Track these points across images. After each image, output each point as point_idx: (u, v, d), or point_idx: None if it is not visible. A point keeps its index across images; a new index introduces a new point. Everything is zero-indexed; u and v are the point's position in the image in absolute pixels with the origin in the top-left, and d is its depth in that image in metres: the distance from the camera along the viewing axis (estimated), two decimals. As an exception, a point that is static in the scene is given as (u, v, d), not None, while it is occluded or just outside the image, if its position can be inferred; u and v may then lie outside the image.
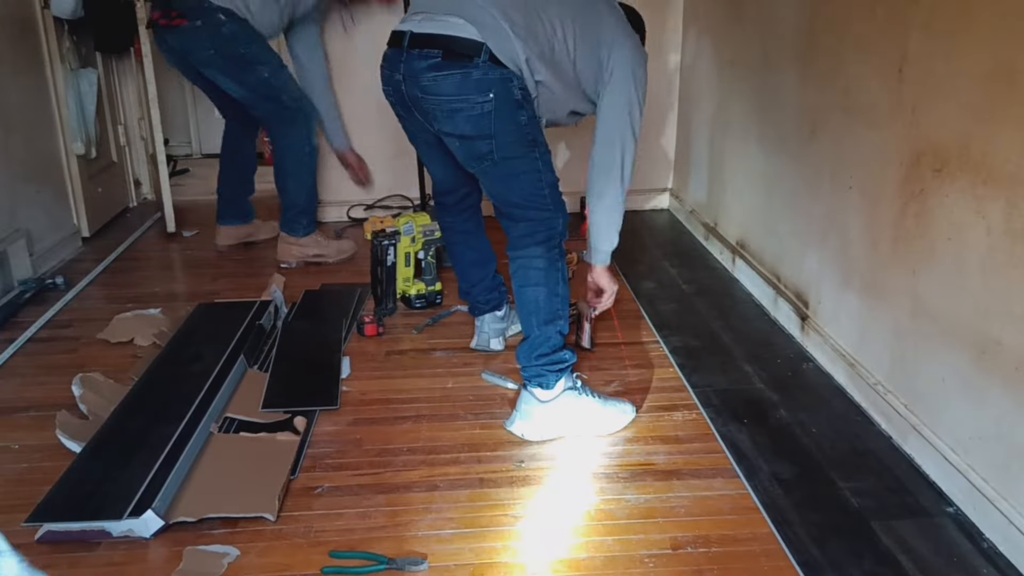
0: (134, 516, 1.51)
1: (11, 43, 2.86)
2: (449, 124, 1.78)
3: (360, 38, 3.41)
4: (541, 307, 1.86)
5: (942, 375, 1.69)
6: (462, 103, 1.74)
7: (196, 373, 2.04)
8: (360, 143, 3.53)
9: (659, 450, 1.83)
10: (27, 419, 1.96)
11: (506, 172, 1.83)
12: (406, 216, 2.58)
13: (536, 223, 1.85)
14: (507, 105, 1.74)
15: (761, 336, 2.43)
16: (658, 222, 3.58)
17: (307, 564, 1.46)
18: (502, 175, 1.84)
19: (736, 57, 2.89)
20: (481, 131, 1.76)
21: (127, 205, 3.84)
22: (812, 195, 2.30)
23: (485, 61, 1.70)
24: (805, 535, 1.54)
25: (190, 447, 1.73)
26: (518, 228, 1.87)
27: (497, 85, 1.72)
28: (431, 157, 2.08)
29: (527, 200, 1.85)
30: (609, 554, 1.49)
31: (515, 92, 1.75)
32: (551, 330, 1.86)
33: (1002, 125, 1.48)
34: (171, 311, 2.55)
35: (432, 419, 1.96)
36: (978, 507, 1.56)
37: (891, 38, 1.85)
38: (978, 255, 1.56)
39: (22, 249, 2.79)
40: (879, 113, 1.92)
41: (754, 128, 2.74)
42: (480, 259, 2.27)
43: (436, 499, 1.65)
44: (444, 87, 1.73)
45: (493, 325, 2.30)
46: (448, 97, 1.74)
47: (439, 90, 1.74)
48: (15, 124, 2.85)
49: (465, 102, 1.74)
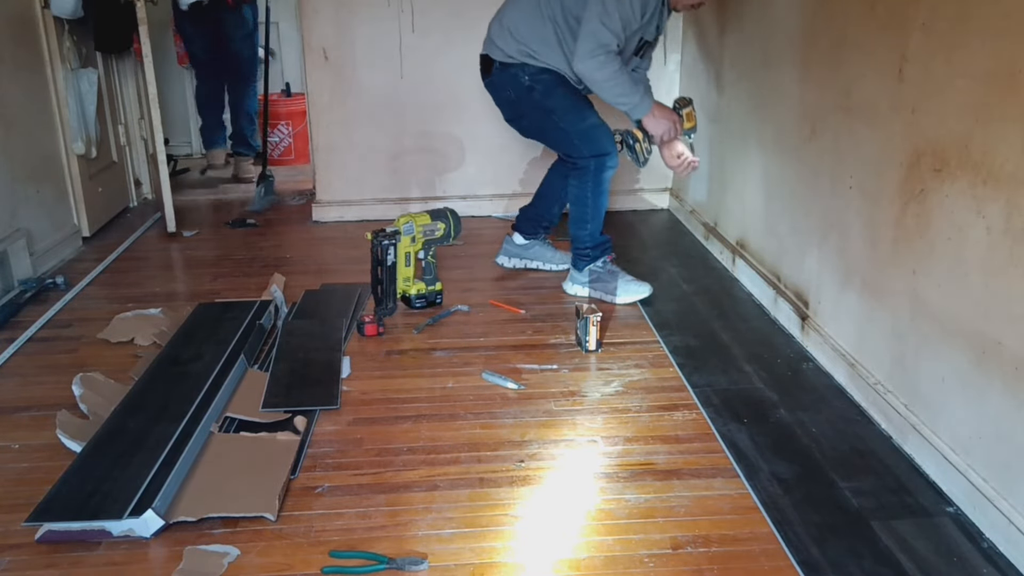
0: (134, 516, 1.51)
1: (11, 43, 2.86)
2: (504, 112, 2.74)
3: (360, 39, 3.41)
4: (573, 217, 2.69)
5: (942, 375, 1.69)
6: (497, 99, 2.71)
7: (196, 373, 2.04)
8: (360, 143, 3.54)
9: (659, 450, 1.83)
10: (27, 419, 1.96)
11: (538, 131, 2.75)
12: (406, 216, 2.58)
13: (568, 162, 2.66)
14: (522, 91, 2.60)
15: (761, 336, 2.43)
16: (658, 222, 3.58)
17: (307, 564, 1.46)
18: (537, 133, 2.78)
19: (736, 57, 2.89)
20: (515, 113, 2.70)
21: (127, 205, 3.84)
22: (812, 195, 2.30)
23: (498, 69, 2.62)
24: (805, 535, 1.54)
25: (190, 447, 1.73)
26: (564, 164, 2.72)
27: (510, 81, 2.61)
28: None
29: (558, 147, 2.72)
30: (609, 554, 1.49)
31: (524, 80, 2.57)
32: (580, 232, 2.67)
33: (1002, 125, 1.48)
34: (171, 311, 2.55)
35: (432, 419, 1.96)
36: (978, 507, 1.56)
37: (891, 38, 1.85)
38: (978, 255, 1.56)
39: (22, 249, 2.79)
40: (879, 113, 1.92)
41: (754, 128, 2.74)
42: (542, 192, 2.92)
43: (436, 499, 1.65)
44: (489, 91, 2.72)
45: (508, 245, 2.97)
46: (494, 97, 2.73)
47: (492, 93, 2.73)
48: (15, 124, 2.85)
49: (498, 98, 2.71)
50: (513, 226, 2.97)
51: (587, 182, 2.59)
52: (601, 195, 2.62)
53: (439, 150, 3.60)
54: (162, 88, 3.57)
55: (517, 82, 2.59)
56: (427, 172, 3.63)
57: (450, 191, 3.62)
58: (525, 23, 2.55)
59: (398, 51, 3.44)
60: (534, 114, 2.63)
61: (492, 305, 2.65)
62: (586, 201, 2.62)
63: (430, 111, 3.53)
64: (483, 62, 2.70)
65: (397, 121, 3.53)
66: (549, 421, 1.95)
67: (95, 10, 3.30)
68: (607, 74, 2.42)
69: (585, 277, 2.70)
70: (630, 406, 2.02)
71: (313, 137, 3.57)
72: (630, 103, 2.49)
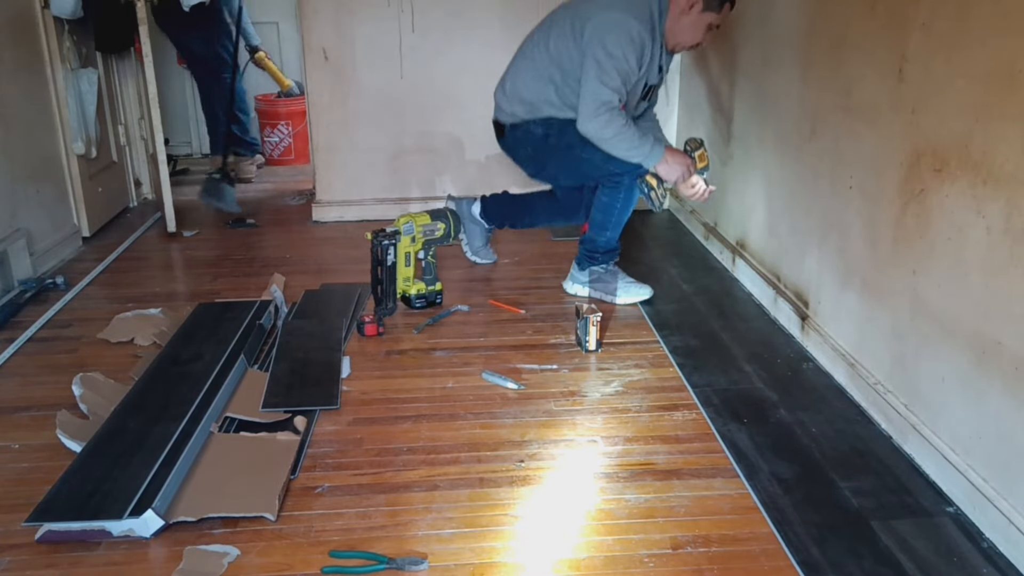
0: (134, 516, 1.51)
1: (11, 43, 2.86)
2: (527, 169, 2.81)
3: (360, 39, 3.41)
4: (595, 222, 2.67)
5: (942, 375, 1.69)
6: (516, 158, 2.80)
7: (196, 373, 2.04)
8: (360, 143, 3.54)
9: (659, 450, 1.83)
10: (27, 419, 1.96)
11: (568, 172, 2.71)
12: (406, 216, 2.58)
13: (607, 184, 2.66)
14: (538, 142, 2.64)
15: (761, 336, 2.43)
16: (658, 222, 3.58)
17: (307, 564, 1.46)
18: (567, 174, 2.74)
19: (736, 57, 2.89)
20: (538, 166, 2.75)
21: (127, 205, 3.84)
22: (812, 195, 2.30)
23: (509, 130, 2.71)
24: (805, 535, 1.54)
25: (190, 447, 1.73)
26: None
27: (524, 137, 2.68)
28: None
29: (593, 177, 2.65)
30: (609, 554, 1.49)
31: (537, 132, 2.63)
32: (598, 236, 2.67)
33: (1002, 125, 1.48)
34: (171, 311, 2.55)
35: (432, 419, 1.96)
36: (978, 507, 1.56)
37: (891, 38, 1.85)
38: (978, 255, 1.56)
39: (22, 249, 2.79)
40: (879, 113, 1.92)
41: (754, 128, 2.74)
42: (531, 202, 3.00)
43: (436, 499, 1.65)
44: (508, 153, 2.81)
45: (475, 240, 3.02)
46: (513, 158, 2.81)
47: (510, 154, 2.82)
48: (15, 124, 2.85)
49: (516, 157, 2.79)
50: (483, 205, 2.97)
51: (619, 194, 2.59)
52: (629, 206, 2.63)
53: (439, 150, 3.60)
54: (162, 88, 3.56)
55: (530, 136, 2.64)
56: (427, 172, 3.63)
57: (450, 191, 3.62)
58: (527, 87, 2.60)
59: (398, 51, 3.44)
60: (557, 157, 2.63)
61: (492, 305, 2.65)
62: (613, 210, 2.61)
63: (430, 111, 3.53)
64: (496, 127, 2.78)
65: (397, 121, 3.53)
66: (549, 421, 1.95)
67: (95, 10, 3.29)
68: (613, 131, 2.43)
69: (585, 277, 2.70)
70: (630, 406, 2.02)
71: (313, 137, 3.57)
72: (640, 154, 2.48)
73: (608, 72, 2.39)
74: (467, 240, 3.02)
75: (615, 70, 2.39)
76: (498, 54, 3.59)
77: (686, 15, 2.48)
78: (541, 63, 2.55)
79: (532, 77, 2.58)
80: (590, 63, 2.41)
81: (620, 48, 2.39)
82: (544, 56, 2.54)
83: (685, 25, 2.50)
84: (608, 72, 2.39)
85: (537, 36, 2.60)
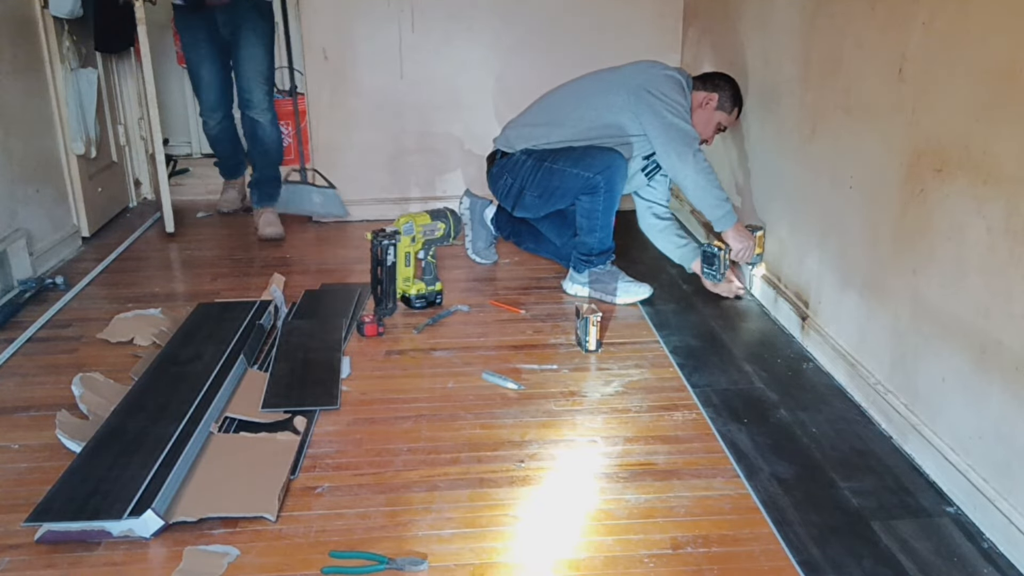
0: (134, 516, 1.51)
1: (11, 43, 2.86)
2: (507, 204, 2.84)
3: (360, 39, 3.41)
4: (582, 227, 2.68)
5: (942, 375, 1.69)
6: (497, 190, 2.86)
7: (196, 373, 2.04)
8: (360, 143, 3.54)
9: (659, 450, 1.83)
10: (27, 419, 1.96)
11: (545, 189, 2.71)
12: (406, 216, 2.58)
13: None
14: (517, 168, 2.73)
15: (761, 336, 2.43)
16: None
17: (307, 564, 1.46)
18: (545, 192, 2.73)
19: (736, 57, 2.89)
20: (517, 194, 2.77)
21: (127, 205, 3.84)
22: (812, 195, 2.30)
23: (499, 158, 2.79)
24: (805, 535, 1.54)
25: (190, 447, 1.73)
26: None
27: (508, 166, 2.75)
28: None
29: (571, 187, 2.65)
30: (609, 554, 1.49)
31: (521, 159, 2.71)
32: (588, 239, 2.67)
33: (1002, 125, 1.48)
34: (171, 311, 2.55)
35: (432, 419, 1.96)
36: (978, 507, 1.56)
37: (891, 38, 1.85)
38: (978, 255, 1.55)
39: (22, 249, 2.79)
40: (879, 113, 1.92)
41: (754, 128, 2.74)
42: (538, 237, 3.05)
43: (436, 499, 1.65)
44: (490, 186, 2.87)
45: (479, 241, 3.04)
46: (494, 191, 2.87)
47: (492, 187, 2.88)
48: (15, 124, 2.85)
49: (496, 188, 2.85)
50: (496, 213, 3.02)
51: (598, 197, 2.61)
52: (612, 206, 2.65)
53: (439, 150, 3.60)
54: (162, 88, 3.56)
55: (514, 164, 2.73)
56: (427, 172, 3.63)
57: (450, 191, 3.62)
58: (557, 136, 2.67)
59: (398, 51, 3.44)
60: (533, 177, 2.69)
61: (492, 305, 2.65)
62: (596, 213, 2.63)
63: (430, 111, 3.53)
64: (490, 157, 2.87)
65: (397, 121, 3.54)
66: (549, 421, 1.95)
67: (94, 10, 3.29)
68: (706, 172, 2.49)
69: (585, 277, 2.70)
70: (630, 406, 2.02)
71: (313, 137, 3.57)
72: (724, 209, 2.52)
73: (679, 112, 2.51)
74: (471, 238, 3.03)
75: (682, 108, 2.53)
76: (498, 54, 3.59)
77: (702, 109, 2.64)
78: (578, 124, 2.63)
79: (566, 136, 2.65)
80: (659, 107, 2.51)
81: (677, 94, 2.55)
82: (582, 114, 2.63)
83: (699, 118, 2.63)
84: (679, 112, 2.51)
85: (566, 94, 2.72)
